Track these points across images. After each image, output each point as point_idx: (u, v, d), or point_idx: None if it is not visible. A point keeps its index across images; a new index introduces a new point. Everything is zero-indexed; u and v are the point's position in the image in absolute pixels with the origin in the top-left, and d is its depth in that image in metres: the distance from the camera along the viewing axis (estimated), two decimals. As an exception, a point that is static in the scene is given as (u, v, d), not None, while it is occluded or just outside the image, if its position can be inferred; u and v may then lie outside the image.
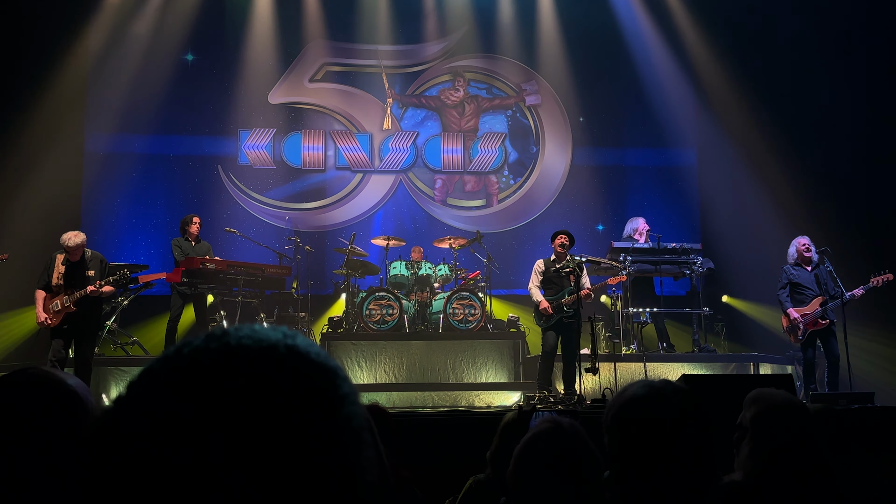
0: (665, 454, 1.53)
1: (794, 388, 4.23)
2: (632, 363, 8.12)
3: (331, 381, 0.64)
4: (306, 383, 0.62)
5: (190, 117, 10.80)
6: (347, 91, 11.44)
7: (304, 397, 0.61)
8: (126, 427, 0.59)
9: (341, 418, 0.63)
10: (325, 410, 0.62)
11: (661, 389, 1.62)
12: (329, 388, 0.63)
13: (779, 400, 2.00)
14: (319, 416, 0.61)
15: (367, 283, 9.83)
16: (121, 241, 10.26)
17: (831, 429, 2.83)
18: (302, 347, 0.64)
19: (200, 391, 0.59)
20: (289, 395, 0.60)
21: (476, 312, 8.67)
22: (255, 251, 9.82)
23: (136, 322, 9.25)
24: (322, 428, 0.61)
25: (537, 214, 11.39)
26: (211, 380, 0.60)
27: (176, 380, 0.60)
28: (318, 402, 0.62)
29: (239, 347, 0.62)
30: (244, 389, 0.59)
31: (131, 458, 0.58)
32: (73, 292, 6.81)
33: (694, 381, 4.31)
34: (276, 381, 0.61)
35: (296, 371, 0.62)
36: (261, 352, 0.62)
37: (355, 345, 8.59)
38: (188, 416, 0.58)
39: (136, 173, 10.51)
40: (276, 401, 0.60)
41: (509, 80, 11.69)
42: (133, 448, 0.58)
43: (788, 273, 7.73)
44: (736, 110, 10.59)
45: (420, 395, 8.05)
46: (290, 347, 0.64)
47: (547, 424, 2.06)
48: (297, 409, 0.60)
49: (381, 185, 11.39)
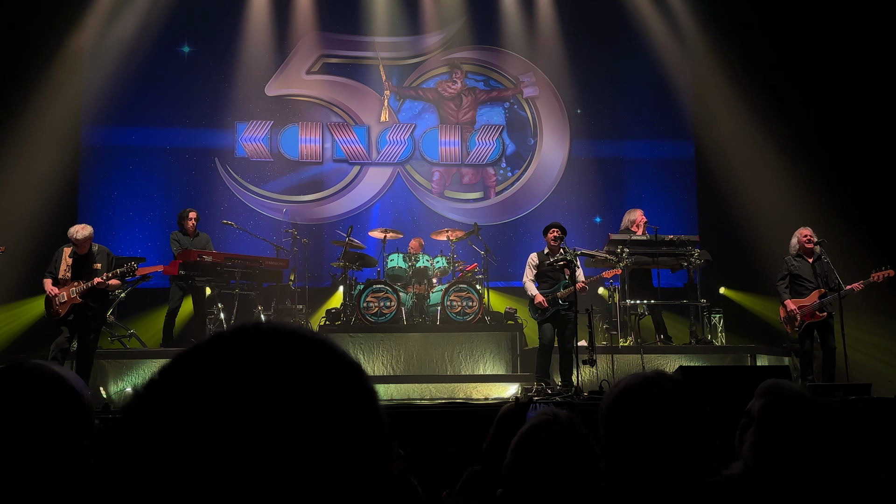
0: (661, 445, 1.53)
1: (790, 379, 4.24)
2: (629, 355, 8.13)
3: (361, 374, 0.63)
4: (343, 380, 0.61)
5: (186, 109, 10.77)
6: (344, 83, 11.41)
7: (342, 395, 0.60)
8: (165, 421, 0.57)
9: (374, 414, 0.62)
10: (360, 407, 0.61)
11: (657, 380, 1.62)
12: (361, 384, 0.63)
13: (790, 395, 1.99)
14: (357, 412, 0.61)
15: (364, 276, 9.81)
16: (118, 233, 10.25)
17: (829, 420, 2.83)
18: (330, 343, 0.63)
19: (240, 387, 0.57)
20: (326, 392, 0.59)
21: (474, 305, 8.66)
22: (253, 243, 9.82)
23: (133, 315, 9.24)
24: (358, 423, 0.60)
25: (535, 206, 11.38)
26: (248, 377, 0.58)
27: (213, 372, 0.58)
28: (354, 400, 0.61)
29: (273, 343, 0.61)
30: (283, 385, 0.58)
31: (169, 452, 0.55)
32: (79, 284, 6.92)
33: (690, 373, 4.32)
34: (314, 377, 0.59)
35: (333, 367, 0.61)
36: (294, 345, 0.61)
37: (353, 337, 8.59)
38: (227, 410, 0.56)
39: (132, 166, 10.49)
40: (313, 396, 0.58)
41: (507, 71, 11.66)
42: (176, 441, 0.56)
43: (789, 264, 7.75)
44: (734, 101, 10.56)
45: (418, 388, 8.05)
46: (319, 342, 0.63)
47: (543, 416, 2.06)
48: (336, 406, 0.59)
49: (379, 177, 11.37)
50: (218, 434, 0.55)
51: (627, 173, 11.34)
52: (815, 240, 7.73)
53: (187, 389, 0.57)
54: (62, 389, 1.17)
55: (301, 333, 0.62)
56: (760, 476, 1.84)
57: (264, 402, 0.56)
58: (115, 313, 8.74)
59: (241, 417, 0.55)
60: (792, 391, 1.99)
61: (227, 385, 0.57)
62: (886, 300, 8.40)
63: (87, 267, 7.06)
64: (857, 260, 8.21)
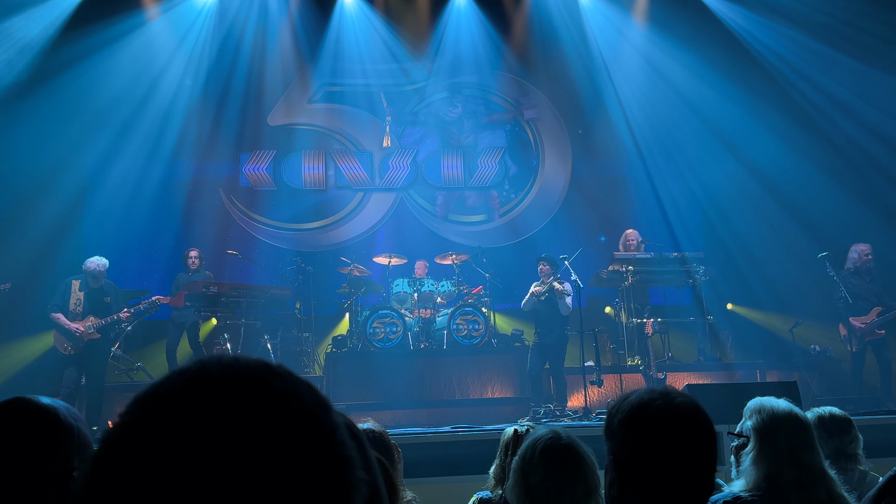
0: (670, 462, 1.53)
1: (798, 395, 4.20)
2: (637, 374, 8.09)
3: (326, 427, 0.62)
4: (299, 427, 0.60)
5: (189, 141, 10.81)
6: (346, 110, 11.49)
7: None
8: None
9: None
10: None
11: (671, 396, 1.62)
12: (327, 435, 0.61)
13: (780, 411, 1.99)
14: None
15: (370, 302, 9.82)
16: (122, 267, 10.25)
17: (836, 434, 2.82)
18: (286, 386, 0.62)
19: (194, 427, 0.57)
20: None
21: (480, 328, 8.65)
22: (258, 272, 9.84)
23: (139, 347, 9.25)
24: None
25: (540, 227, 11.38)
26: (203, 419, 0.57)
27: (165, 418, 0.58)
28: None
29: (220, 379, 0.60)
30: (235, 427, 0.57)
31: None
32: (96, 319, 6.98)
33: (697, 391, 4.29)
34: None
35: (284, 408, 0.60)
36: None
37: (360, 364, 8.58)
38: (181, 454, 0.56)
39: (136, 199, 10.50)
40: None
41: (507, 94, 11.73)
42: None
43: (847, 281, 7.64)
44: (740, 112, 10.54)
45: (426, 413, 8.02)
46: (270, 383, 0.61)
47: (542, 432, 2.07)
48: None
49: (382, 203, 11.41)
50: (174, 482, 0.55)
51: (630, 191, 11.31)
52: (871, 256, 7.64)
53: (144, 435, 0.58)
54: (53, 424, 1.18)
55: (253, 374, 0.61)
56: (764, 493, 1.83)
57: (215, 449, 0.56)
58: (122, 346, 8.76)
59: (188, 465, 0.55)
60: (780, 407, 1.99)
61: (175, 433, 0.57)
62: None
63: (99, 301, 7.13)
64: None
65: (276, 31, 11.08)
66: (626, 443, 1.58)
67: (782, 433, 1.92)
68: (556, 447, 2.00)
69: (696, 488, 1.55)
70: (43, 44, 9.43)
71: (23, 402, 1.21)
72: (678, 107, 10.88)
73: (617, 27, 11.09)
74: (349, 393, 8.36)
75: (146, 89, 10.35)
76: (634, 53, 11.14)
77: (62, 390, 6.99)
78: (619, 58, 11.21)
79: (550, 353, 7.95)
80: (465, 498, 2.96)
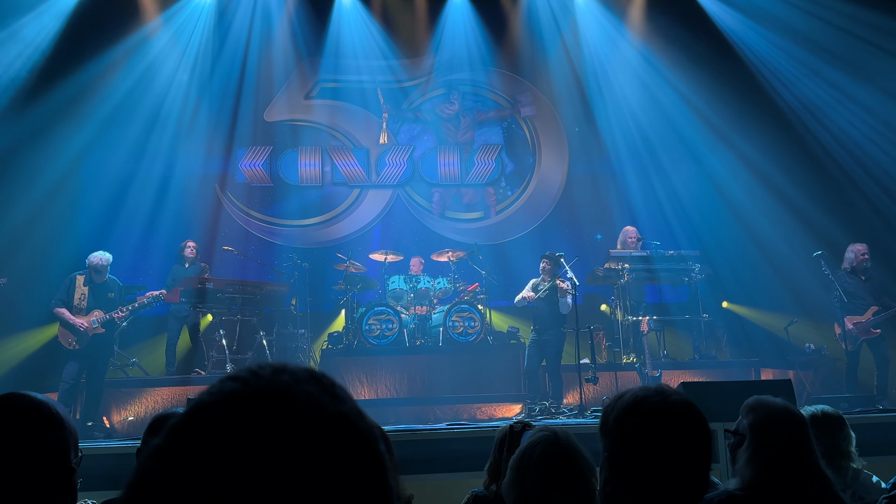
0: (667, 457, 1.53)
1: (793, 393, 4.22)
2: (632, 371, 8.11)
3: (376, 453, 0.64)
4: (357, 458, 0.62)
5: (186, 137, 10.78)
6: (343, 107, 11.48)
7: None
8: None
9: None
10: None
11: (666, 394, 1.63)
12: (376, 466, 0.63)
13: (777, 408, 2.00)
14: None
15: (366, 299, 9.82)
16: (118, 262, 10.22)
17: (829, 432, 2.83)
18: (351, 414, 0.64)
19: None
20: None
21: (476, 325, 8.66)
22: (254, 269, 9.83)
23: (134, 343, 9.23)
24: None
25: (536, 225, 11.39)
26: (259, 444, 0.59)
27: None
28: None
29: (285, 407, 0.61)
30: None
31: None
32: (101, 314, 7.03)
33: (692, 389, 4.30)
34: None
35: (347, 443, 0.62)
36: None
37: (356, 360, 8.58)
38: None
39: (133, 194, 10.48)
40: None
41: (504, 91, 11.73)
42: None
43: (843, 280, 7.69)
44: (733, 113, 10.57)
45: (422, 410, 8.03)
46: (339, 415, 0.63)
47: (540, 434, 2.07)
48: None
49: (379, 199, 11.41)
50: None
51: (627, 189, 11.31)
52: (867, 255, 7.68)
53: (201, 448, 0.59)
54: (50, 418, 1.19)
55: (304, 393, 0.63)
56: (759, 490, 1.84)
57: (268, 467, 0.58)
58: (118, 342, 8.75)
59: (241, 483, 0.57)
60: (777, 405, 2.00)
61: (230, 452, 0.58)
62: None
63: (103, 296, 7.20)
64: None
65: (273, 27, 11.07)
66: (621, 440, 1.58)
67: (778, 431, 1.92)
68: (554, 451, 2.00)
69: (691, 485, 1.55)
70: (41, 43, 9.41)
71: (21, 398, 1.21)
72: (675, 103, 10.91)
73: (612, 24, 11.12)
74: (345, 389, 8.35)
75: (143, 85, 10.33)
76: (629, 51, 11.16)
77: (62, 385, 7.02)
78: (614, 55, 11.23)
79: (548, 350, 7.95)
80: (459, 494, 2.96)
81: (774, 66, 10.26)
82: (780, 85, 10.23)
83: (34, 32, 9.40)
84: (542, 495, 1.96)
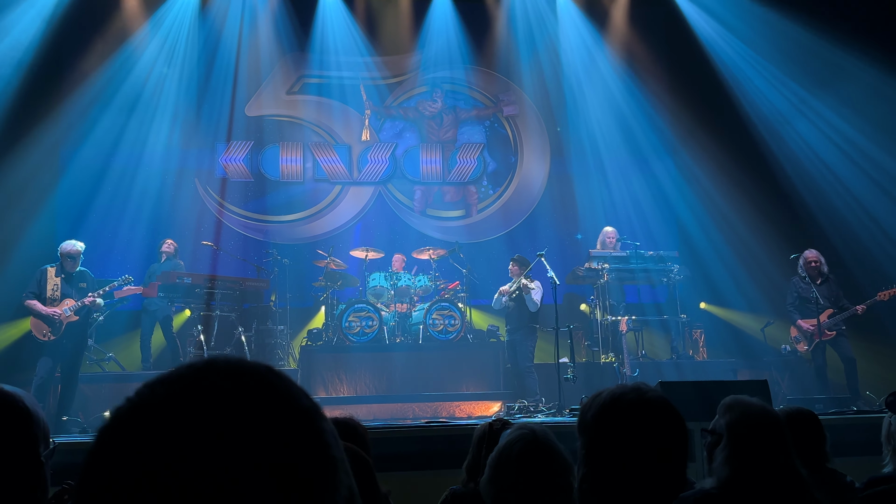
0: (643, 456, 1.54)
1: (769, 393, 4.26)
2: (611, 371, 8.15)
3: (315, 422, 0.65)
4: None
5: (166, 130, 10.68)
6: (325, 103, 11.42)
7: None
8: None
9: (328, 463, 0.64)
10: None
11: (643, 392, 1.63)
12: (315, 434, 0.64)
13: (755, 409, 2.01)
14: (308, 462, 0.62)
15: (346, 295, 9.79)
16: (96, 256, 10.11)
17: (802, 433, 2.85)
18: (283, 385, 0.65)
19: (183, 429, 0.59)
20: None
21: (456, 323, 8.67)
22: (233, 264, 9.76)
23: (110, 338, 9.14)
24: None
25: (517, 224, 11.41)
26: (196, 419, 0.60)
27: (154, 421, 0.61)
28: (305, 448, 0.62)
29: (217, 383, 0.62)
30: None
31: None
32: (73, 301, 6.96)
33: (670, 388, 4.33)
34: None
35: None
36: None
37: (335, 357, 8.56)
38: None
39: (112, 188, 10.36)
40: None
41: (487, 90, 11.74)
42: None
43: (797, 286, 7.88)
44: (712, 115, 10.68)
45: (401, 407, 8.03)
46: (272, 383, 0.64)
47: (518, 432, 2.07)
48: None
49: (360, 196, 11.37)
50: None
51: (607, 189, 11.36)
52: (818, 262, 7.84)
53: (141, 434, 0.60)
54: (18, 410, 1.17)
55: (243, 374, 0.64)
56: (735, 490, 1.85)
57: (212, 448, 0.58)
58: (94, 336, 8.66)
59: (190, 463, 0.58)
60: (754, 405, 2.02)
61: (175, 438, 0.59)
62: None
63: (74, 286, 7.11)
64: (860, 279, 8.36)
65: (256, 21, 11.00)
66: (598, 437, 1.59)
67: (755, 431, 1.94)
68: (533, 448, 2.01)
69: (667, 482, 1.56)
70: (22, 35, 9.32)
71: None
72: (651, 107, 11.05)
73: (592, 25, 11.24)
74: (324, 386, 8.34)
75: (121, 75, 10.23)
76: (608, 52, 11.28)
77: (35, 380, 6.92)
78: (593, 56, 11.31)
79: (518, 349, 8.06)
80: (437, 492, 2.96)
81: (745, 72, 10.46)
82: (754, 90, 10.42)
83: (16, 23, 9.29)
84: (521, 493, 1.97)
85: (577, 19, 11.26)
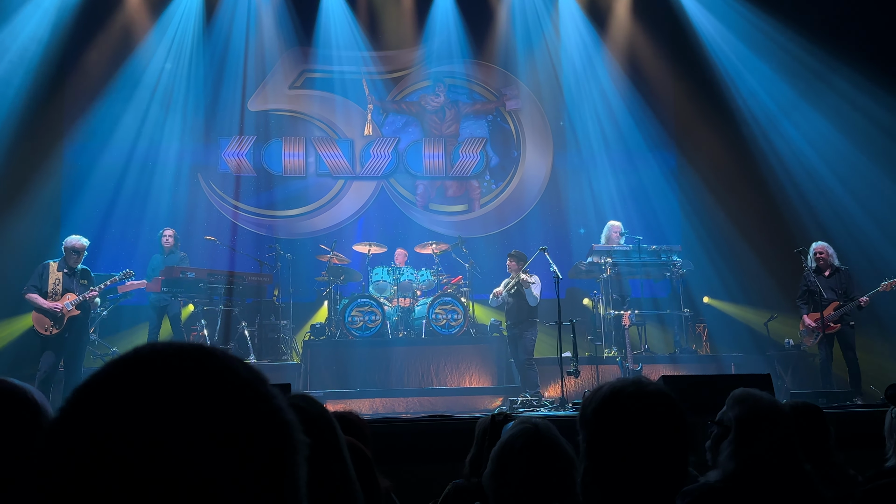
0: (645, 450, 1.54)
1: (772, 387, 4.25)
2: (613, 365, 8.15)
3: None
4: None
5: (169, 126, 10.68)
6: (328, 97, 11.41)
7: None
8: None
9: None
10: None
11: (644, 386, 1.63)
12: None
13: (765, 403, 2.01)
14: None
15: (349, 290, 9.79)
16: (100, 251, 10.12)
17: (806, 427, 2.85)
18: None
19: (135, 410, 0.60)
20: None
21: (459, 317, 8.67)
22: (236, 259, 9.76)
23: (114, 332, 9.16)
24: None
25: (519, 218, 11.40)
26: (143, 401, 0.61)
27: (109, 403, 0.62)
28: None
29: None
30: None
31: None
32: (74, 296, 7.00)
33: (672, 382, 4.33)
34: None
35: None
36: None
37: (338, 352, 8.57)
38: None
39: (115, 183, 10.36)
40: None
41: (489, 84, 11.71)
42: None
43: (807, 279, 7.85)
44: (715, 110, 10.65)
45: (403, 401, 8.03)
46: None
47: (521, 426, 2.07)
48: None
49: (363, 191, 11.36)
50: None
51: (610, 184, 11.34)
52: (825, 254, 7.81)
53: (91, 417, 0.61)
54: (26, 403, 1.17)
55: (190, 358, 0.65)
56: (740, 483, 1.85)
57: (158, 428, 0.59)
58: (97, 331, 8.67)
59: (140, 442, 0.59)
60: (764, 399, 2.01)
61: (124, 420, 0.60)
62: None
63: (76, 282, 7.14)
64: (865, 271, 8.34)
65: (259, 16, 10.98)
66: (600, 430, 1.59)
67: (765, 426, 1.93)
68: (535, 442, 2.00)
69: (669, 476, 1.55)
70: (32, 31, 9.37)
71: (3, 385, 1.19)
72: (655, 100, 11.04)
73: (594, 19, 11.22)
74: (327, 381, 8.36)
75: (126, 72, 10.23)
76: (610, 46, 11.25)
77: (38, 375, 6.94)
78: (596, 50, 11.29)
79: (519, 344, 8.06)
80: (440, 485, 2.96)
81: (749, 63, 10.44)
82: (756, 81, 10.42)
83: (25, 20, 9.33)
84: (523, 486, 1.97)
85: (578, 13, 11.23)
